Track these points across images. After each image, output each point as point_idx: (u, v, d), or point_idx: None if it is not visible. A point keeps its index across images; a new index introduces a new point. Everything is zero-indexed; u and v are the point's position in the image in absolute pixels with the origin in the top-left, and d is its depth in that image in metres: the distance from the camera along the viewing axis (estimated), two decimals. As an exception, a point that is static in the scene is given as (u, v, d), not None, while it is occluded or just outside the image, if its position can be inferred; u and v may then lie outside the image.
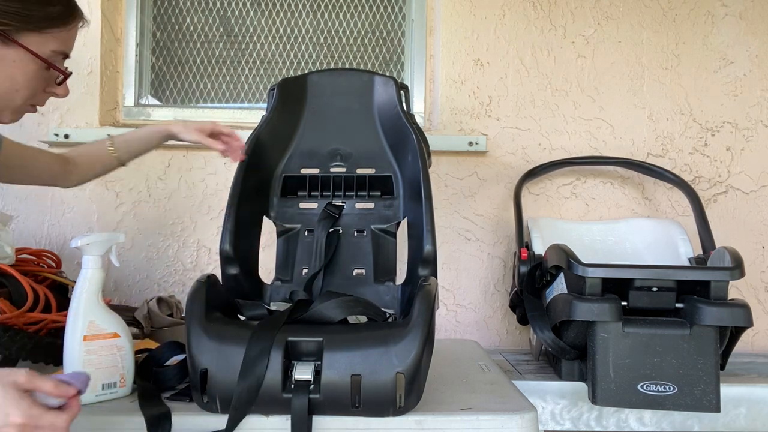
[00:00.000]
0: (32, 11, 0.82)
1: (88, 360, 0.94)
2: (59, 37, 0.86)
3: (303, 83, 1.31)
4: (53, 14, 0.84)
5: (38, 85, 0.88)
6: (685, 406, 1.12)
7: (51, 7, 0.84)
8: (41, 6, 0.83)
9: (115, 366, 0.97)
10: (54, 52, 0.86)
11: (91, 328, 0.95)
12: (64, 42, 0.88)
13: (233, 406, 0.85)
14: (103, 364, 0.96)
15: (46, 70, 0.87)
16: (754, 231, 1.75)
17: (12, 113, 0.89)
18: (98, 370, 0.95)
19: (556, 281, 1.30)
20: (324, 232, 1.21)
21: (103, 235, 1.00)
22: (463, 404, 0.95)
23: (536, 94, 1.74)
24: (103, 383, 0.96)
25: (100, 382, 0.95)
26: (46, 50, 0.85)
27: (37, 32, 0.83)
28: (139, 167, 1.70)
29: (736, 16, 1.76)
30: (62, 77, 0.90)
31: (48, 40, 0.84)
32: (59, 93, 0.92)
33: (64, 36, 0.87)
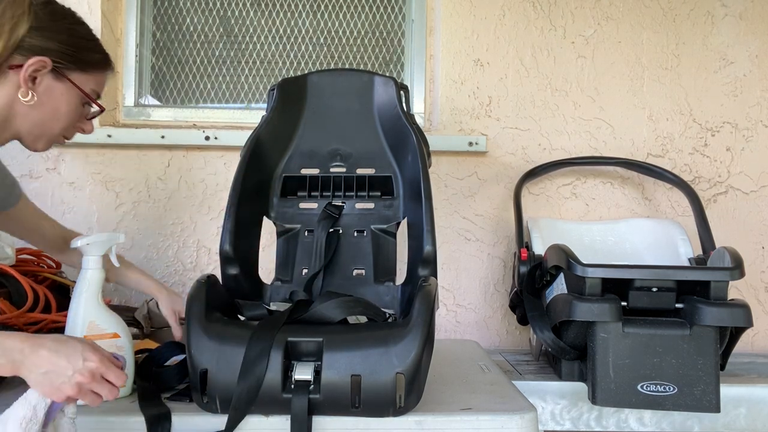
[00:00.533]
0: (81, 54, 0.96)
1: None
2: (97, 80, 1.00)
3: (303, 83, 1.31)
4: (96, 59, 0.99)
5: (75, 117, 1.00)
6: (685, 406, 1.12)
7: (95, 53, 0.99)
8: (89, 52, 0.97)
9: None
10: (92, 91, 1.00)
11: (91, 328, 0.95)
12: (100, 85, 1.02)
13: (233, 406, 0.85)
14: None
15: (83, 105, 1.00)
16: (754, 231, 1.75)
17: (46, 143, 0.99)
18: None
19: (556, 281, 1.30)
20: (324, 232, 1.21)
21: (103, 236, 1.00)
22: (463, 404, 0.95)
23: (536, 95, 1.74)
24: None
25: None
26: (86, 88, 0.98)
27: (82, 72, 0.96)
28: (139, 167, 1.70)
29: (736, 16, 1.76)
30: (97, 110, 1.03)
31: (89, 80, 0.98)
32: (86, 129, 1.04)
33: (100, 79, 1.01)
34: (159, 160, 1.71)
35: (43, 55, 0.90)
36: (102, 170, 1.70)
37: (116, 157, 1.70)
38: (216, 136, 1.67)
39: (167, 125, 1.76)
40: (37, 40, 0.90)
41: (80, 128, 1.03)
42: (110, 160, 1.70)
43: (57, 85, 0.94)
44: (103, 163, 1.70)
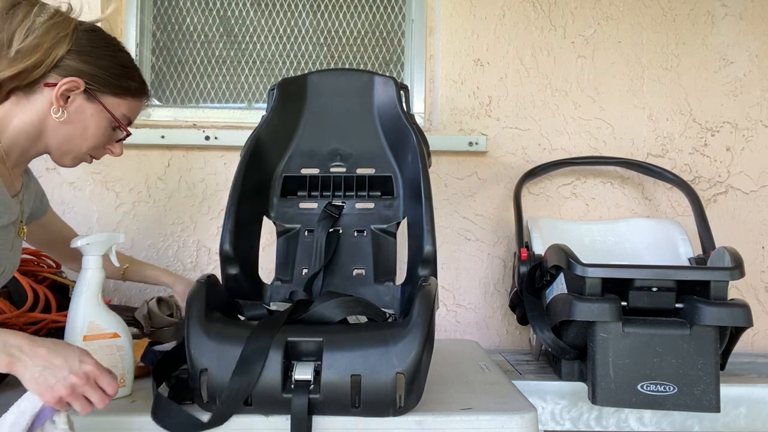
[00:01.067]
0: (116, 80, 0.99)
1: None
2: (130, 106, 1.03)
3: (303, 83, 1.31)
4: (131, 87, 1.02)
5: (103, 139, 1.02)
6: (685, 406, 1.12)
7: (131, 81, 1.02)
8: (124, 79, 1.01)
9: (115, 366, 0.96)
10: (123, 116, 1.02)
11: (91, 328, 0.95)
12: (132, 111, 1.05)
13: (222, 400, 0.84)
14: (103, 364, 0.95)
15: (113, 129, 1.02)
16: (754, 231, 1.75)
17: (73, 159, 1.02)
18: None
19: (556, 281, 1.30)
20: (324, 232, 1.21)
21: (103, 236, 1.01)
22: (463, 404, 0.95)
23: (536, 95, 1.74)
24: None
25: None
26: (118, 112, 1.01)
27: (115, 96, 1.00)
28: (139, 167, 1.70)
29: (736, 16, 1.76)
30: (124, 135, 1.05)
31: (121, 105, 1.01)
32: (115, 151, 1.06)
33: (134, 106, 1.04)
34: (159, 160, 1.71)
35: (78, 77, 0.94)
36: (102, 170, 1.70)
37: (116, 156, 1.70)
38: (216, 136, 1.67)
39: (167, 125, 1.76)
40: (75, 62, 0.95)
41: (109, 150, 1.06)
42: (110, 159, 1.70)
43: (88, 106, 0.97)
44: (103, 163, 1.70)
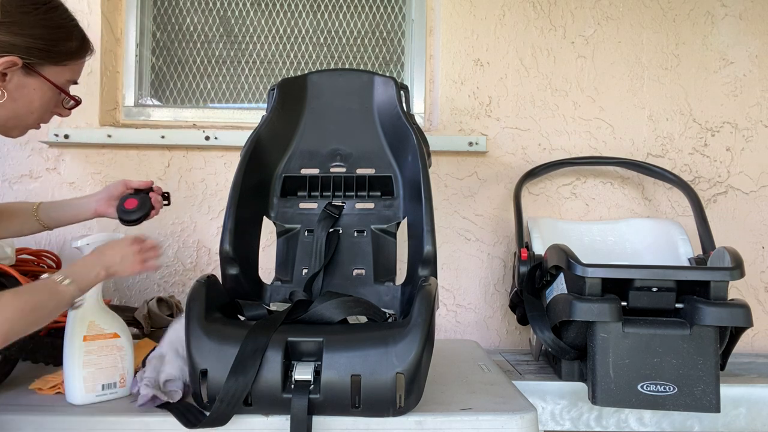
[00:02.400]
0: (53, 46, 0.92)
1: (87, 360, 0.95)
2: (73, 68, 0.97)
3: (303, 83, 1.31)
4: (71, 49, 0.95)
5: (50, 106, 0.98)
6: (685, 406, 1.12)
7: (70, 42, 0.94)
8: (62, 42, 0.93)
9: (115, 366, 0.97)
10: (67, 81, 0.97)
11: (91, 328, 0.96)
12: (76, 72, 0.99)
13: (219, 398, 0.84)
14: (103, 364, 0.96)
15: (59, 95, 0.97)
16: (754, 231, 1.75)
17: (20, 131, 0.98)
18: (98, 370, 0.95)
19: (556, 281, 1.30)
20: (324, 232, 1.21)
21: (103, 236, 1.02)
22: (463, 404, 0.95)
23: (536, 95, 1.74)
24: (102, 383, 0.96)
25: (99, 383, 0.96)
26: (61, 80, 0.95)
27: (55, 65, 0.93)
28: (139, 167, 1.70)
29: (736, 16, 1.76)
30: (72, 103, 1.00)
31: (64, 72, 0.95)
32: (63, 114, 1.01)
33: (77, 67, 0.98)
34: (159, 160, 1.71)
35: (11, 53, 0.86)
36: (102, 170, 1.70)
37: (116, 157, 1.70)
38: (216, 136, 1.67)
39: (167, 125, 1.76)
40: (5, 36, 0.86)
41: (57, 113, 1.01)
42: (110, 160, 1.70)
43: (29, 81, 0.91)
44: (103, 163, 1.70)
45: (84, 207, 1.18)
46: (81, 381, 0.94)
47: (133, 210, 1.11)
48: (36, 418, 0.89)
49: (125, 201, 1.13)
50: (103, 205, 1.16)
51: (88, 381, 0.95)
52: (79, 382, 0.94)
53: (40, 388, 1.01)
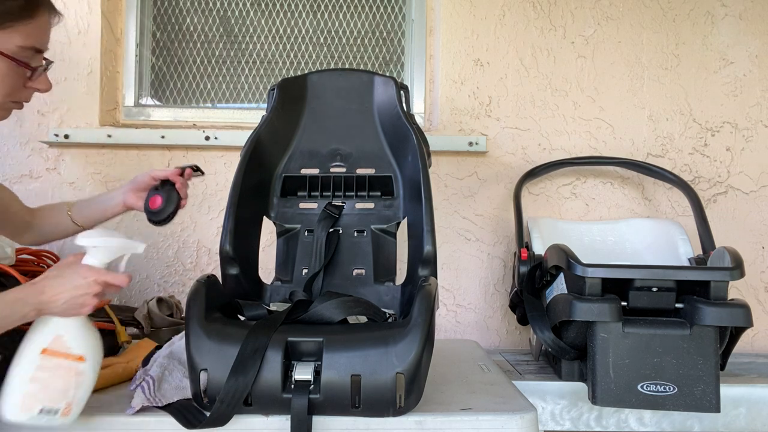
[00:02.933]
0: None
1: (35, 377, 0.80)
2: (23, 32, 0.84)
3: (303, 83, 1.31)
4: (12, 9, 0.83)
5: (14, 81, 0.87)
6: (685, 406, 1.12)
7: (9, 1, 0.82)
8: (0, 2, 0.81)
9: (65, 392, 0.81)
10: (21, 48, 0.84)
11: (56, 342, 0.82)
12: (31, 36, 0.85)
13: (219, 398, 0.84)
14: (52, 386, 0.81)
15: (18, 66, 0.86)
16: (754, 231, 1.75)
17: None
18: (43, 390, 0.80)
19: (556, 281, 1.30)
20: (324, 232, 1.21)
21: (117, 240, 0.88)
22: (463, 404, 0.95)
23: (536, 95, 1.74)
24: (42, 407, 0.80)
25: (39, 405, 0.80)
26: (11, 46, 0.83)
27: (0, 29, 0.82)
28: (139, 167, 1.70)
29: (736, 16, 1.76)
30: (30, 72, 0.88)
31: (11, 36, 0.83)
32: (40, 88, 0.91)
33: (30, 30, 0.85)
34: (159, 160, 1.71)
35: None
36: (102, 170, 1.70)
37: (116, 157, 1.71)
38: (216, 136, 1.67)
39: (167, 125, 1.76)
40: None
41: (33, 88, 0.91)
42: (110, 160, 1.70)
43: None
44: (103, 163, 1.70)
45: (112, 201, 1.13)
46: (20, 396, 0.79)
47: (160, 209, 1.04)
48: (36, 418, 0.88)
49: (150, 199, 1.07)
50: (131, 197, 1.11)
51: (27, 398, 0.79)
52: (17, 396, 0.79)
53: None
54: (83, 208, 1.15)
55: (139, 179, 1.12)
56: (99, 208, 1.14)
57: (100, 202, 1.15)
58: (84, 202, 1.16)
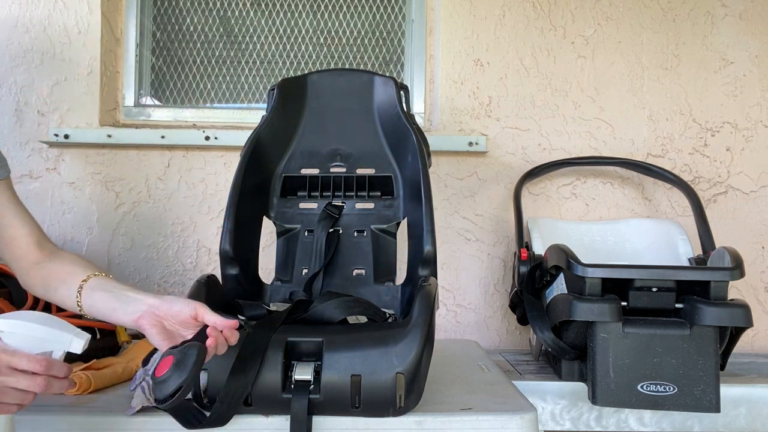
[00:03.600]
0: None
1: None
2: None
3: (303, 83, 1.31)
4: None
5: None
6: (685, 406, 1.12)
7: None
8: None
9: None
10: None
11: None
12: None
13: (220, 399, 0.84)
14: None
15: None
16: (754, 231, 1.75)
17: None
18: None
19: (556, 281, 1.30)
20: (324, 232, 1.21)
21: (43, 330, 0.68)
22: (463, 404, 0.95)
23: (536, 95, 1.74)
24: None
25: None
26: None
27: None
28: (139, 167, 1.70)
29: (736, 16, 1.76)
30: None
31: None
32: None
33: None
34: (159, 160, 1.71)
35: None
36: (102, 170, 1.70)
37: (116, 157, 1.71)
38: (216, 136, 1.67)
39: (167, 125, 1.76)
40: None
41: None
42: (110, 160, 1.70)
43: None
44: (103, 163, 1.70)
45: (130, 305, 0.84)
46: None
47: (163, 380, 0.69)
48: (35, 418, 0.89)
49: (161, 361, 0.72)
50: (149, 318, 0.82)
51: None
52: None
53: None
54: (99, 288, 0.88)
55: (176, 308, 0.82)
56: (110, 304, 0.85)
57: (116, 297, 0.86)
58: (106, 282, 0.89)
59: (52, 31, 1.68)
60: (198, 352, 0.68)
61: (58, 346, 0.68)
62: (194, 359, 0.67)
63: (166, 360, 0.70)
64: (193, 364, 0.68)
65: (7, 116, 1.68)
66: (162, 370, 0.68)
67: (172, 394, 0.67)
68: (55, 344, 0.68)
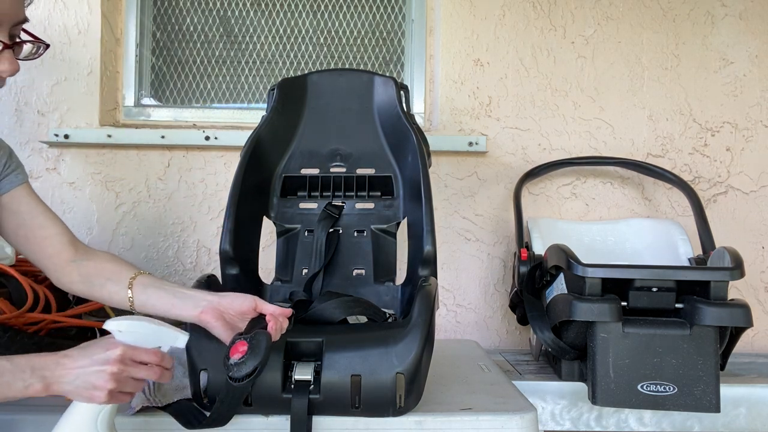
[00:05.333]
0: None
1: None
2: None
3: (303, 83, 1.31)
4: None
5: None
6: (685, 406, 1.12)
7: None
8: None
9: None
10: None
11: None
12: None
13: (219, 398, 0.84)
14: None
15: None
16: (754, 231, 1.75)
17: None
18: None
19: (556, 281, 1.30)
20: (324, 232, 1.21)
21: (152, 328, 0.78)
22: (463, 404, 0.95)
23: (536, 95, 1.74)
24: None
25: None
26: None
27: None
28: (139, 167, 1.70)
29: (736, 16, 1.76)
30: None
31: None
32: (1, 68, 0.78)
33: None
34: (159, 160, 1.71)
35: None
36: (102, 170, 1.70)
37: (116, 157, 1.71)
38: (216, 136, 1.67)
39: (167, 125, 1.76)
40: None
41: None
42: (110, 160, 1.70)
43: None
44: (103, 163, 1.70)
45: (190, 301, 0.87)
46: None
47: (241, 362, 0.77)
48: (36, 418, 0.89)
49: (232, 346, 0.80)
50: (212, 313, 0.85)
51: None
52: None
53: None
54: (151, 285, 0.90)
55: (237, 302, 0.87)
56: (168, 300, 0.88)
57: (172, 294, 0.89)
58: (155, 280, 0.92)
59: (52, 31, 1.68)
60: (267, 338, 0.78)
61: (166, 341, 0.78)
62: (265, 344, 0.78)
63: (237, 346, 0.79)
64: (265, 348, 0.77)
65: (7, 116, 1.68)
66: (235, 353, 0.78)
67: (249, 374, 0.76)
68: (164, 340, 0.78)
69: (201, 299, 0.86)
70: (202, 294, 0.88)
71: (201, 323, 0.85)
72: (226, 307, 0.86)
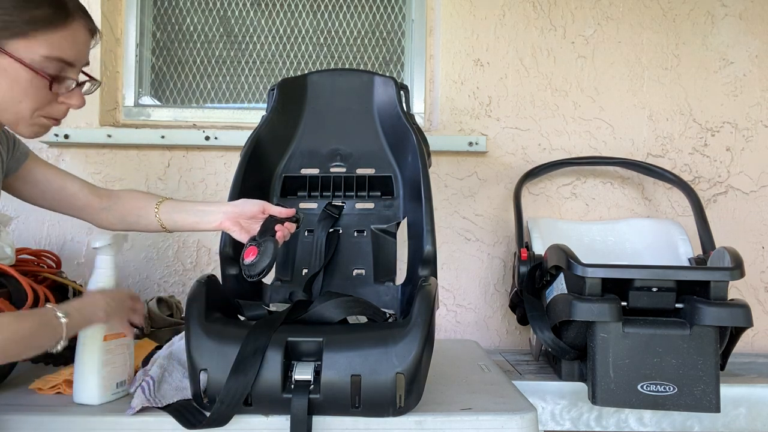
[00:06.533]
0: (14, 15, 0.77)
1: (107, 360, 0.95)
2: (49, 41, 0.80)
3: (303, 83, 1.31)
4: (38, 17, 0.78)
5: (39, 94, 0.82)
6: (685, 406, 1.12)
7: (36, 10, 0.79)
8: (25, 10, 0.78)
9: (125, 365, 0.99)
10: (46, 58, 0.80)
11: (109, 326, 0.95)
12: (58, 47, 0.81)
13: (219, 399, 0.84)
14: (118, 363, 0.97)
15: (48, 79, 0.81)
16: (754, 231, 1.75)
17: (27, 126, 0.85)
18: (114, 369, 0.96)
19: (556, 281, 1.30)
20: (324, 232, 1.21)
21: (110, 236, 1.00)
22: (463, 404, 0.95)
23: (536, 95, 1.74)
24: (117, 381, 0.97)
25: (115, 381, 0.96)
26: (34, 56, 0.79)
27: (23, 37, 0.78)
28: (139, 167, 1.70)
29: (736, 16, 1.76)
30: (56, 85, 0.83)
31: (36, 45, 0.79)
32: (72, 103, 0.87)
33: (57, 40, 0.81)
34: (159, 160, 1.71)
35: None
36: (102, 170, 1.70)
37: (116, 157, 1.71)
38: (216, 136, 1.67)
39: (167, 125, 1.76)
40: None
41: (64, 104, 0.86)
42: (110, 160, 1.70)
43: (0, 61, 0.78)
44: (103, 163, 1.70)
45: (209, 216, 1.04)
46: (100, 380, 0.93)
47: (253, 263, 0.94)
48: (36, 418, 0.89)
49: (246, 250, 0.97)
50: (230, 221, 1.02)
51: (106, 380, 0.94)
52: (97, 381, 0.93)
53: (40, 388, 1.01)
54: (174, 211, 1.07)
55: (247, 208, 1.03)
56: (191, 219, 1.06)
57: (194, 213, 1.06)
58: (176, 204, 1.09)
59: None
60: (274, 243, 0.96)
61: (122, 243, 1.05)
62: (272, 248, 0.95)
63: (250, 249, 0.96)
64: (272, 251, 0.94)
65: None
66: (248, 256, 0.95)
67: (260, 273, 0.93)
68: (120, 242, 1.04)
69: (217, 212, 1.03)
70: (217, 206, 1.05)
71: (223, 230, 1.04)
72: (239, 214, 1.03)
